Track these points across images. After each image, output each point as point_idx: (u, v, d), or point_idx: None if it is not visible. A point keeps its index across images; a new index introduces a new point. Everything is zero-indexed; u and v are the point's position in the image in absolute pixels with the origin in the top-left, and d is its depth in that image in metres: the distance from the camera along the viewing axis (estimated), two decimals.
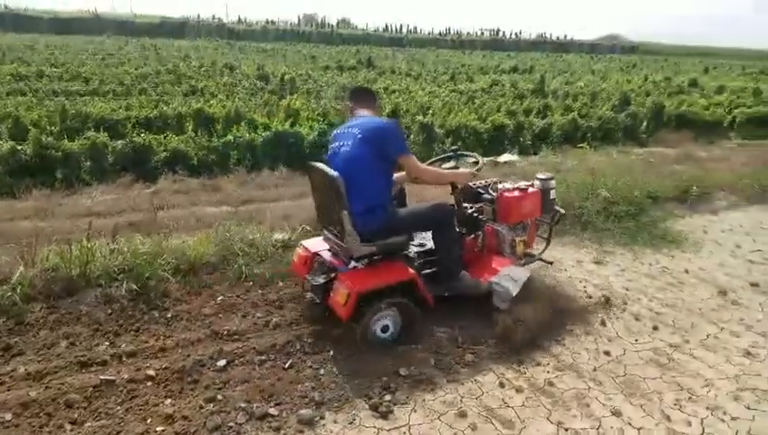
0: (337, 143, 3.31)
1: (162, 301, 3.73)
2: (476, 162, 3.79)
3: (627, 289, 4.20)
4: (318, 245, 3.65)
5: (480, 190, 3.91)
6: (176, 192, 6.64)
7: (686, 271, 4.56)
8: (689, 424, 2.71)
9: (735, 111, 12.33)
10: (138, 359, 3.12)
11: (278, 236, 4.63)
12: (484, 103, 11.93)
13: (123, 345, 3.22)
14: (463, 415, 2.71)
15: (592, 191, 5.79)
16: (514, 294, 3.43)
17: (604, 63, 31.65)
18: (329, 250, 3.56)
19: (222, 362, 3.08)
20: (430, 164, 3.86)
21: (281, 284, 4.04)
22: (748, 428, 2.70)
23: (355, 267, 3.30)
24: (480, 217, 3.81)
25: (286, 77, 15.07)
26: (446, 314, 3.55)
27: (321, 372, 3.04)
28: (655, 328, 3.62)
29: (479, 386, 2.95)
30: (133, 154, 7.27)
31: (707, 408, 2.84)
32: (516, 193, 3.82)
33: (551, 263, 4.26)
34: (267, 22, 65.39)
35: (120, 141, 7.32)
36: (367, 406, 2.75)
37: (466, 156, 3.94)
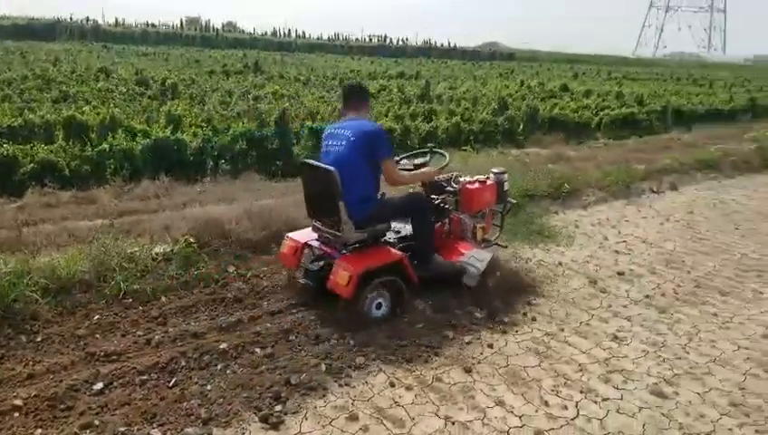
0: (330, 141, 3.69)
1: (31, 324, 3.42)
2: (445, 158, 4.17)
3: None
4: (305, 236, 3.97)
5: (443, 184, 4.28)
6: (45, 206, 6.10)
7: (560, 263, 4.89)
8: (565, 408, 2.90)
9: (601, 113, 13.44)
10: (2, 389, 2.83)
11: (159, 248, 4.40)
12: (372, 108, 12.11)
13: None
14: (354, 418, 2.72)
15: None
16: (481, 272, 3.92)
17: (485, 70, 33.29)
18: (317, 240, 3.87)
19: (99, 386, 2.88)
20: (407, 158, 4.32)
21: (164, 299, 3.85)
22: (617, 407, 2.94)
23: (344, 253, 3.65)
24: (445, 206, 4.23)
25: (168, 82, 14.40)
26: (334, 323, 3.57)
27: (209, 387, 2.93)
28: (533, 319, 3.85)
29: (370, 387, 2.98)
30: None
31: (581, 391, 3.05)
32: (476, 185, 4.27)
33: (506, 247, 4.78)
34: (147, 25, 61.96)
35: None
36: (257, 418, 2.68)
37: (436, 153, 4.40)
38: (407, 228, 4.07)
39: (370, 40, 70.73)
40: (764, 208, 7.04)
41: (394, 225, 4.04)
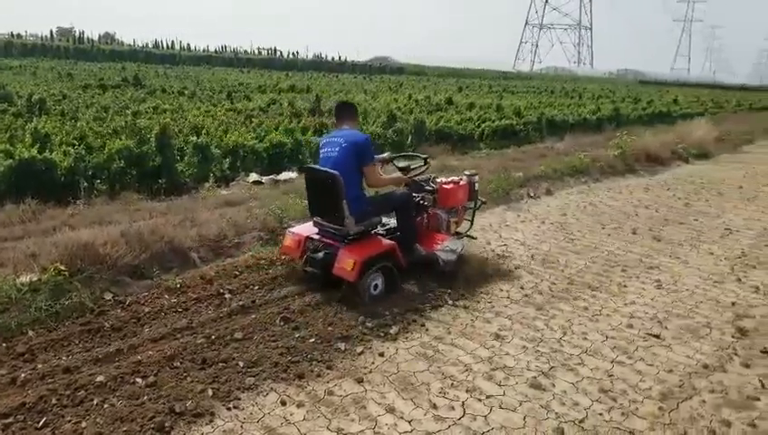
0: (326, 149, 4.32)
1: None
2: (426, 160, 4.98)
3: None
4: (307, 230, 4.56)
5: (423, 183, 4.90)
6: None
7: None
8: (452, 408, 3.01)
9: (483, 125, 14.14)
10: None
11: (25, 278, 4.04)
12: (262, 122, 11.91)
13: None
14: None
15: None
16: (456, 259, 4.62)
17: (375, 84, 33.93)
18: (318, 233, 4.46)
19: None
20: (394, 159, 5.05)
21: (31, 333, 3.54)
22: (500, 402, 3.09)
23: (345, 244, 4.22)
24: (424, 203, 4.87)
25: (35, 97, 13.28)
26: (222, 344, 3.46)
27: (83, 424, 2.73)
28: (423, 325, 3.96)
29: (260, 408, 2.92)
30: None
31: (467, 391, 3.18)
32: (451, 185, 4.96)
33: (475, 238, 5.43)
34: (12, 35, 56.91)
35: None
36: None
37: (418, 156, 5.14)
38: (392, 222, 4.73)
39: (260, 53, 69.70)
40: (627, 209, 7.74)
41: (383, 219, 4.67)
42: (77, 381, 3.07)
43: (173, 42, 63.79)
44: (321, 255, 4.32)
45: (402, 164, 5.01)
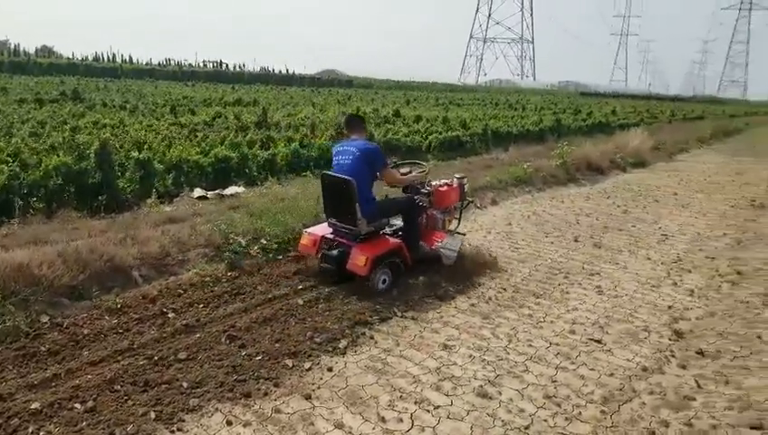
0: (340, 157, 4.81)
1: None
2: (425, 167, 5.66)
3: None
4: (321, 230, 5.05)
5: (419, 186, 5.38)
6: None
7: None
8: (401, 421, 3.02)
9: (430, 136, 14.32)
10: None
11: None
12: (207, 136, 11.68)
13: None
14: None
15: (316, 215, 6.08)
16: (456, 254, 5.19)
17: (324, 97, 33.86)
18: (331, 233, 4.95)
19: None
20: (398, 166, 5.66)
21: None
22: (448, 413, 3.12)
23: (358, 242, 4.70)
24: (422, 204, 5.29)
25: None
26: (165, 365, 3.36)
27: None
28: (371, 338, 3.96)
29: (205, 430, 2.85)
30: None
31: (415, 402, 3.20)
32: (445, 187, 5.48)
33: (464, 235, 5.84)
34: None
35: None
36: None
37: (418, 164, 5.86)
38: (398, 223, 5.24)
39: (205, 65, 68.48)
40: (569, 217, 7.99)
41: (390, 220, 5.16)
42: (10, 408, 2.94)
43: (114, 54, 61.69)
44: (335, 252, 4.78)
45: (405, 170, 5.54)
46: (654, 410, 3.25)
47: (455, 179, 5.69)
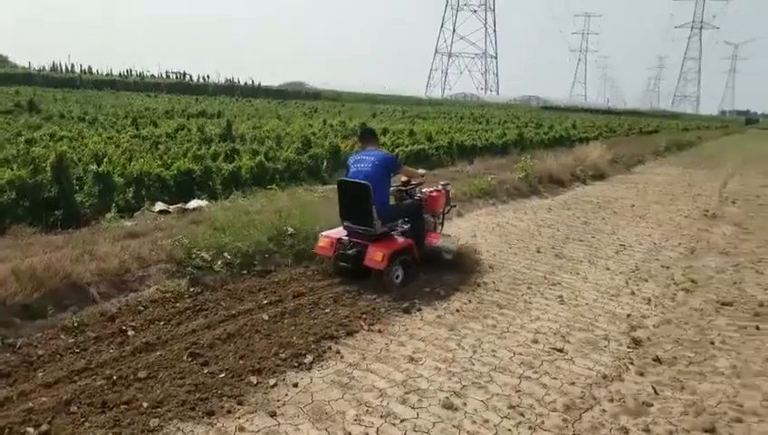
0: (358, 165, 5.34)
1: None
2: (423, 173, 6.11)
3: None
4: (337, 233, 5.46)
5: (412, 192, 5.92)
6: None
7: (359, 292, 5.07)
8: None
9: (397, 149, 14.41)
10: None
11: None
12: (169, 149, 11.49)
13: None
14: None
15: (280, 230, 6.04)
16: (455, 251, 5.82)
17: (290, 109, 33.74)
18: (346, 235, 5.37)
19: None
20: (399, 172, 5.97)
21: None
22: (414, 425, 3.12)
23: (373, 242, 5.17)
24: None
25: None
26: (125, 384, 3.28)
27: None
28: (338, 352, 3.94)
29: None
30: None
31: (382, 416, 3.19)
32: (435, 193, 6.09)
33: (449, 236, 6.23)
34: None
35: None
36: None
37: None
38: (399, 227, 5.65)
39: (168, 76, 67.44)
40: (532, 228, 8.14)
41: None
42: None
43: (73, 65, 60.36)
44: (352, 251, 5.19)
45: (405, 178, 6.00)
46: (614, 417, 3.32)
47: (440, 186, 6.25)
